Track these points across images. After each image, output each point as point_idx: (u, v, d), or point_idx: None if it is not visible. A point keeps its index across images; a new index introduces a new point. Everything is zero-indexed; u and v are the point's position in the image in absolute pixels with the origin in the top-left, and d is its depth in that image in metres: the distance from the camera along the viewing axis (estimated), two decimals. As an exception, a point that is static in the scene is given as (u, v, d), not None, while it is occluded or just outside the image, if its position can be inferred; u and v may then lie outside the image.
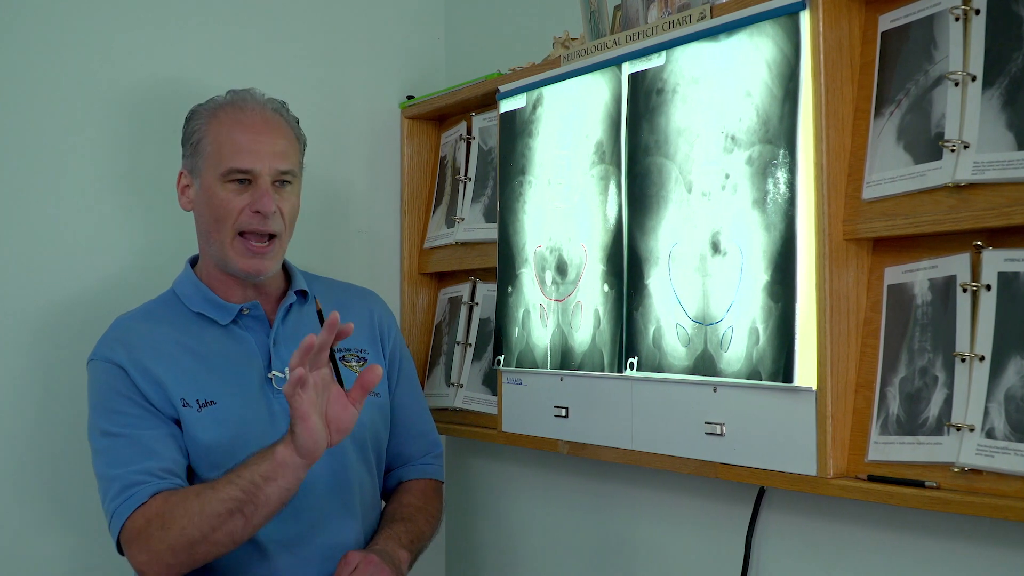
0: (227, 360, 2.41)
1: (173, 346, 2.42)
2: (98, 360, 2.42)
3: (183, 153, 2.50)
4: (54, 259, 2.80)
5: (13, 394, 2.75)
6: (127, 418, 2.35)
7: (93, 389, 2.42)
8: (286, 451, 2.14)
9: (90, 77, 2.86)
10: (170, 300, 2.52)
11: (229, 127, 2.43)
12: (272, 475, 2.15)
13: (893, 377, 1.99)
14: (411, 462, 2.71)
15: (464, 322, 3.08)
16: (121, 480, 2.28)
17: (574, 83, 2.57)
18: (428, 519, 2.62)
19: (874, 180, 2.00)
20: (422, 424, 2.75)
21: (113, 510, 2.28)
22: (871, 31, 2.08)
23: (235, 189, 2.40)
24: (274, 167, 2.41)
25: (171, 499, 2.24)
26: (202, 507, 2.19)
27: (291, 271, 2.58)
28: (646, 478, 2.59)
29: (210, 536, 2.19)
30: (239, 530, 2.19)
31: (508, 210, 2.76)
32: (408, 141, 3.30)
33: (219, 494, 2.18)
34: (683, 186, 2.28)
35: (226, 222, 2.40)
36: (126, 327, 2.46)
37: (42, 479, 2.78)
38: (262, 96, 2.51)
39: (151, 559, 2.24)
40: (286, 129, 2.48)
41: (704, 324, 2.22)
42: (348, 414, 2.17)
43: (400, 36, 3.37)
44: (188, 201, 2.49)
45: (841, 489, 2.00)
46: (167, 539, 2.20)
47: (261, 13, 3.12)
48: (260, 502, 2.16)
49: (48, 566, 2.79)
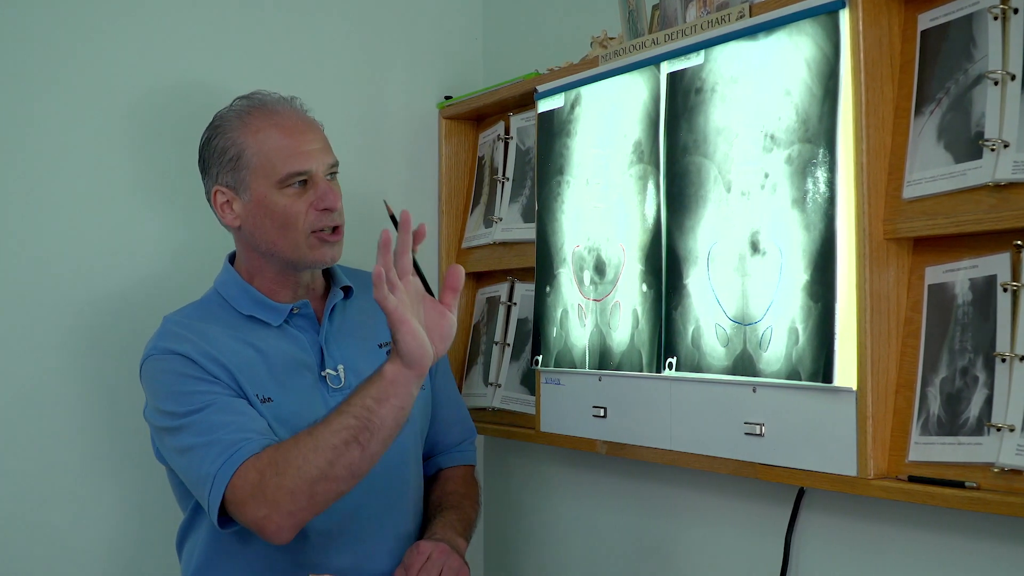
0: (283, 358, 2.39)
1: (233, 341, 2.39)
2: (157, 354, 2.36)
3: (214, 171, 2.44)
4: (88, 260, 2.81)
5: (50, 393, 2.76)
6: (205, 395, 2.28)
7: (156, 382, 2.36)
8: (393, 367, 2.09)
9: (127, 80, 2.87)
10: (217, 301, 2.49)
11: (268, 134, 2.40)
12: (384, 395, 2.09)
13: (934, 377, 1.98)
14: (448, 450, 2.72)
15: (502, 322, 3.08)
16: (221, 442, 2.19)
17: (612, 83, 2.57)
18: (473, 505, 2.64)
19: (914, 179, 1.99)
20: (458, 411, 2.75)
21: (215, 471, 2.17)
22: (911, 30, 2.07)
23: (295, 193, 2.38)
24: (325, 162, 2.41)
25: (282, 447, 2.15)
26: (316, 443, 2.10)
27: (331, 268, 2.57)
28: (685, 478, 2.59)
29: (328, 472, 2.10)
30: (356, 461, 2.11)
31: (546, 210, 2.76)
32: (446, 141, 3.30)
33: (332, 426, 2.10)
34: (722, 185, 2.27)
35: (295, 226, 2.38)
36: (180, 323, 2.42)
37: (79, 477, 2.79)
38: (276, 94, 2.49)
39: (270, 510, 2.13)
40: (314, 122, 2.48)
41: (743, 324, 2.21)
42: (447, 320, 2.14)
43: (438, 37, 3.38)
44: (235, 217, 2.43)
45: (881, 490, 1.99)
46: (284, 484, 2.11)
47: (299, 16, 3.13)
48: (375, 426, 2.09)
49: (86, 565, 2.80)
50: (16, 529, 2.70)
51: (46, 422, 2.75)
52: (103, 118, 2.84)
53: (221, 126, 2.44)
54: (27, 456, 2.72)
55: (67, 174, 2.79)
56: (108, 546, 2.82)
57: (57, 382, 2.77)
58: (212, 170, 2.44)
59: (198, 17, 2.97)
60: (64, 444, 2.77)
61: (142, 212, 2.89)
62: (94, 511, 2.80)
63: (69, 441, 2.77)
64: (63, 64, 2.80)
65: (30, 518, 2.72)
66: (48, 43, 2.78)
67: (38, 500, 2.74)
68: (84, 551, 2.79)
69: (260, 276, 2.47)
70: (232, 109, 2.46)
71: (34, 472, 2.73)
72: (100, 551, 2.81)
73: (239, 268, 2.51)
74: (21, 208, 2.74)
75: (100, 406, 2.79)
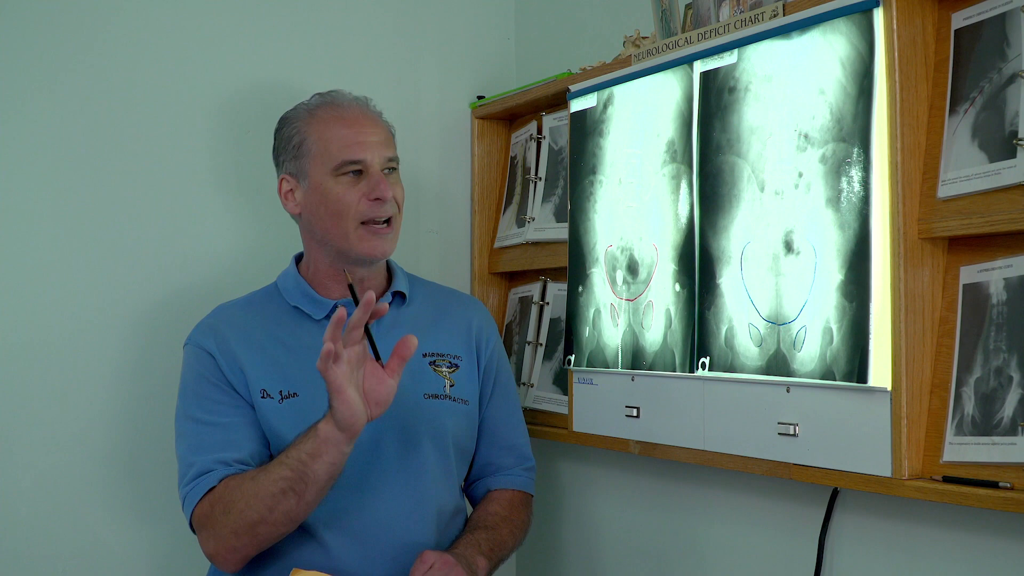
0: (316, 354, 2.42)
1: (264, 336, 2.49)
2: (191, 345, 2.50)
3: (280, 159, 2.56)
4: (156, 258, 2.88)
5: (112, 390, 2.83)
6: (213, 404, 2.42)
7: (184, 373, 2.50)
8: (327, 427, 2.20)
9: (194, 82, 2.94)
10: (271, 292, 2.60)
11: (330, 124, 2.50)
12: (317, 452, 2.21)
13: (968, 377, 1.97)
14: (499, 472, 2.71)
15: (535, 322, 3.08)
16: (198, 467, 2.37)
17: (645, 82, 2.57)
18: (512, 530, 2.62)
19: (949, 178, 1.99)
20: (514, 437, 2.74)
21: (185, 494, 2.38)
22: (944, 29, 2.06)
23: (349, 182, 2.46)
24: (382, 155, 2.49)
25: (231, 483, 2.31)
26: (256, 489, 2.26)
27: (393, 270, 2.63)
28: (718, 478, 2.58)
29: (268, 517, 2.26)
30: (293, 508, 2.25)
31: (579, 209, 2.76)
32: (479, 141, 3.31)
33: (271, 475, 2.25)
34: (756, 185, 2.27)
35: (347, 214, 2.46)
36: (223, 314, 2.55)
37: (138, 468, 2.85)
38: (350, 94, 2.57)
39: (218, 544, 2.33)
40: (380, 120, 2.56)
41: (777, 324, 2.21)
42: (384, 387, 2.22)
43: (471, 37, 3.39)
44: (296, 204, 2.53)
45: (916, 490, 1.98)
46: (228, 523, 2.29)
47: (332, 17, 3.15)
48: (309, 479, 2.22)
49: (127, 565, 2.84)
50: (62, 523, 2.76)
51: (127, 415, 2.85)
52: (177, 118, 2.93)
53: (290, 117, 2.57)
54: (78, 451, 2.79)
55: (139, 171, 2.87)
56: (155, 542, 2.88)
57: (137, 376, 2.85)
58: (280, 159, 2.56)
59: (235, 20, 3.02)
60: (127, 436, 2.85)
61: (211, 209, 2.96)
62: (141, 507, 2.86)
63: (131, 432, 2.86)
64: (142, 63, 2.88)
65: (79, 510, 2.79)
66: (128, 43, 2.87)
67: (93, 491, 2.81)
68: (134, 546, 2.85)
69: (316, 268, 2.56)
70: (304, 103, 2.57)
71: (82, 465, 2.80)
72: (156, 542, 2.88)
73: (302, 264, 2.60)
74: (98, 205, 2.82)
75: (163, 399, 2.79)
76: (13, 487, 2.71)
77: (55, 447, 2.75)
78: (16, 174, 2.74)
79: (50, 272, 2.76)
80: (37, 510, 2.73)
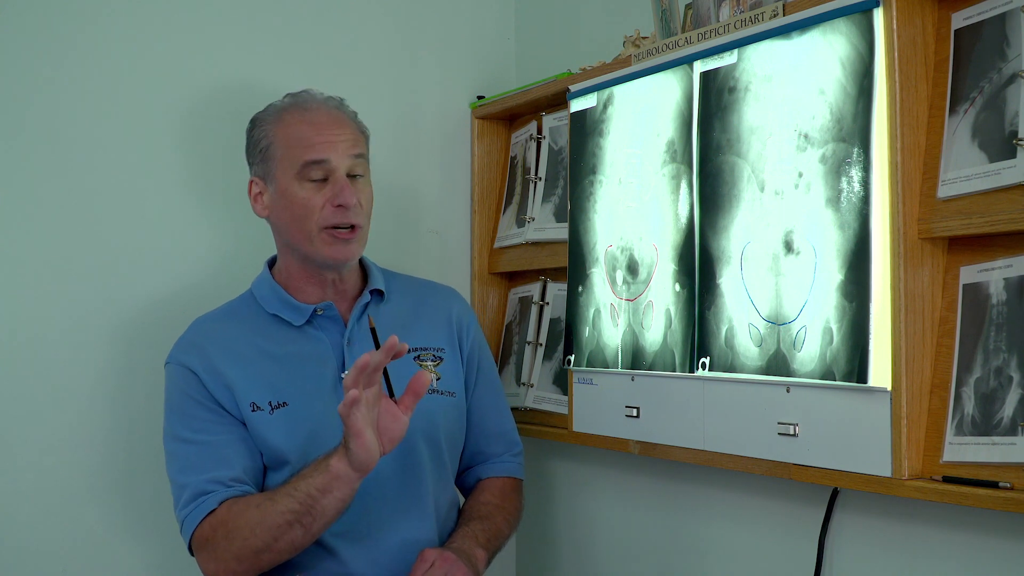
0: (301, 361, 2.44)
1: (247, 348, 2.47)
2: (173, 364, 2.48)
3: (250, 162, 2.54)
4: (135, 262, 2.85)
5: (93, 397, 2.80)
6: (200, 423, 2.41)
7: (168, 392, 2.48)
8: (340, 464, 2.19)
9: (168, 83, 2.90)
10: (248, 301, 2.56)
11: (296, 126, 2.46)
12: (328, 487, 2.21)
13: (968, 377, 1.97)
14: (489, 460, 2.72)
15: (535, 322, 3.08)
16: (192, 488, 2.35)
17: (645, 82, 2.57)
18: (506, 517, 2.63)
19: (949, 178, 1.99)
20: (501, 423, 2.75)
21: (184, 518, 2.36)
22: (944, 29, 2.06)
23: (313, 187, 2.43)
24: (348, 153, 2.45)
25: (234, 508, 2.30)
26: (262, 518, 2.25)
27: (368, 269, 2.61)
28: (718, 478, 2.58)
29: (272, 546, 2.26)
30: (299, 539, 2.26)
31: (579, 209, 2.76)
32: (478, 141, 3.31)
33: (278, 506, 2.24)
34: (756, 185, 2.27)
35: (309, 220, 2.43)
36: (202, 329, 2.52)
37: (120, 480, 2.83)
38: (321, 94, 2.54)
39: (219, 567, 2.32)
40: (350, 121, 2.52)
41: (777, 324, 2.21)
42: (399, 424, 2.21)
43: (471, 37, 3.38)
44: (263, 208, 2.51)
45: (916, 490, 1.98)
46: (231, 548, 2.28)
47: (333, 16, 3.14)
48: (317, 513, 2.22)
49: (122, 567, 2.82)
50: (55, 527, 2.74)
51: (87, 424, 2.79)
52: (147, 122, 2.89)
53: (260, 119, 2.53)
54: (66, 456, 2.76)
55: (116, 175, 2.83)
56: (144, 553, 2.86)
57: (105, 383, 2.81)
58: (249, 160, 2.54)
59: (232, 21, 3.01)
60: (104, 446, 2.81)
61: (190, 213, 2.93)
62: (130, 517, 2.84)
63: (108, 443, 2.82)
64: (112, 67, 2.84)
65: (71, 513, 2.77)
66: (96, 47, 2.83)
67: (82, 496, 2.78)
68: (118, 558, 2.83)
69: (288, 272, 2.53)
70: (273, 105, 2.54)
71: (71, 471, 2.77)
72: (137, 554, 2.85)
73: (276, 270, 2.57)
74: (68, 210, 2.78)
75: (144, 408, 2.80)
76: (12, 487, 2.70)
77: (49, 450, 2.74)
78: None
79: (27, 275, 2.73)
80: (37, 510, 2.72)
